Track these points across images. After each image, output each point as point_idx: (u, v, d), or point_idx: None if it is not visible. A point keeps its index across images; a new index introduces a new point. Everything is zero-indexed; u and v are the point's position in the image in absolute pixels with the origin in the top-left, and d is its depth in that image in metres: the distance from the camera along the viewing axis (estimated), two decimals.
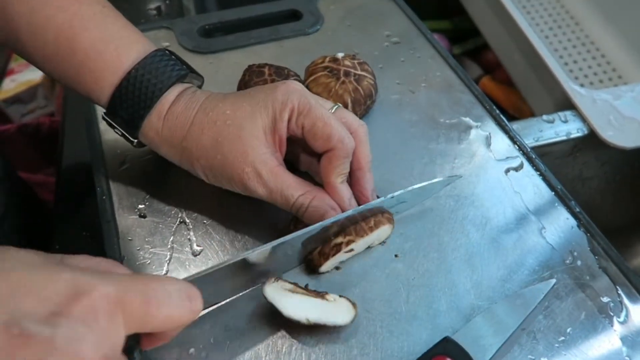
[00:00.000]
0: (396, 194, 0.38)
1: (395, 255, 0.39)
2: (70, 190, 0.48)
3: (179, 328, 0.29)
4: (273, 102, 0.36)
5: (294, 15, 0.59)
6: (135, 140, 0.39)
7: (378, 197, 0.39)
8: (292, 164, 0.41)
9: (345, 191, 0.37)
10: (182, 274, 0.37)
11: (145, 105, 0.37)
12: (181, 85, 0.39)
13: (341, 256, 0.37)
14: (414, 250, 0.39)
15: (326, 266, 0.37)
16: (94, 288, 0.24)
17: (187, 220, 0.40)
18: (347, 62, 0.47)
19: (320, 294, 0.34)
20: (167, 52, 0.39)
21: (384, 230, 0.38)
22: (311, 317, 0.33)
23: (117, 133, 0.39)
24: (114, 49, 0.37)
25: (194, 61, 0.53)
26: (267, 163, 0.36)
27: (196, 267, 0.38)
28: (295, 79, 0.47)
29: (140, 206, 0.41)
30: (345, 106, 0.45)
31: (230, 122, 0.36)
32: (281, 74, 0.46)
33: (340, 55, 0.47)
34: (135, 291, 0.25)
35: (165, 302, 0.26)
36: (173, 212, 0.41)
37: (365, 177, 0.38)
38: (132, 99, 0.37)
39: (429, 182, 0.40)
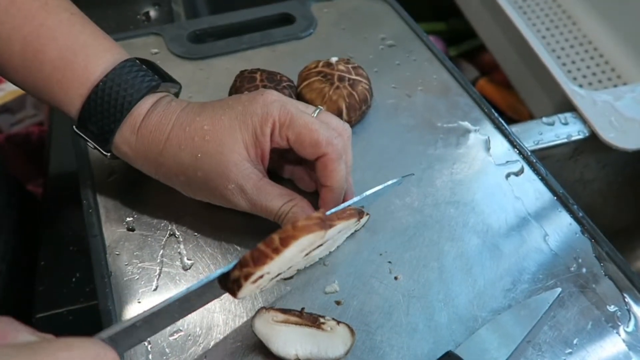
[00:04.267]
0: (348, 203, 0.36)
1: (395, 278, 0.37)
2: (57, 203, 0.46)
3: None
4: (252, 116, 0.35)
5: (286, 20, 0.57)
6: (109, 154, 0.38)
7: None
8: (274, 171, 0.40)
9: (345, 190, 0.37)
10: (173, 289, 0.36)
11: (115, 119, 0.36)
12: (154, 95, 0.37)
13: (258, 285, 0.30)
14: (413, 260, 0.38)
15: (241, 295, 0.30)
16: None
17: (177, 233, 0.39)
18: (341, 67, 0.46)
19: (316, 321, 0.32)
20: (137, 61, 0.37)
21: (303, 242, 0.29)
22: (302, 354, 0.31)
23: (89, 146, 0.38)
24: (83, 59, 0.36)
25: (184, 67, 0.52)
26: (251, 177, 0.35)
27: (187, 282, 0.36)
28: (288, 85, 0.46)
29: (128, 219, 0.40)
30: (340, 112, 0.44)
31: (209, 138, 0.35)
32: (273, 79, 0.45)
33: (334, 59, 0.46)
34: None
35: None
36: (162, 224, 0.39)
37: (347, 182, 0.38)
38: (102, 112, 0.36)
39: (383, 185, 0.38)
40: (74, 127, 0.37)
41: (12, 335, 0.25)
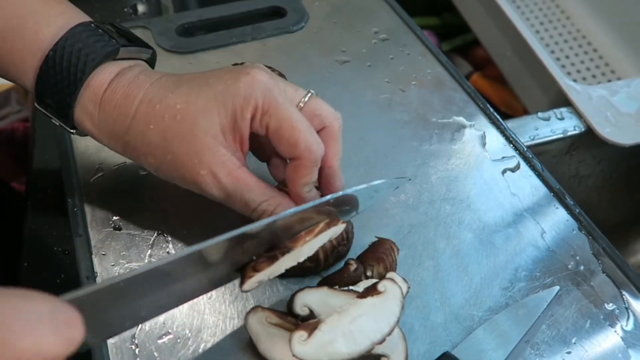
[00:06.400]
0: (338, 194, 0.34)
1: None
2: (41, 202, 0.45)
3: None
4: (233, 98, 0.31)
5: (277, 13, 0.56)
6: (73, 130, 0.35)
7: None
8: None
9: (313, 199, 0.34)
10: None
11: (70, 92, 0.32)
12: (117, 64, 0.33)
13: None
14: (408, 259, 0.37)
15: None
16: None
17: (166, 232, 0.38)
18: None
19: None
20: (94, 24, 0.33)
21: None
22: None
23: (54, 123, 0.35)
24: (32, 25, 0.32)
25: (173, 62, 0.50)
26: (226, 165, 0.32)
27: None
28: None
29: (114, 218, 0.38)
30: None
31: (181, 118, 0.31)
32: None
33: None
34: None
35: (31, 329, 0.20)
36: (150, 223, 0.38)
37: (335, 176, 0.35)
38: (55, 85, 0.32)
39: (375, 182, 0.35)
40: (35, 103, 0.34)
41: None
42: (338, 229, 0.33)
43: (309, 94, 0.34)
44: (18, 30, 0.32)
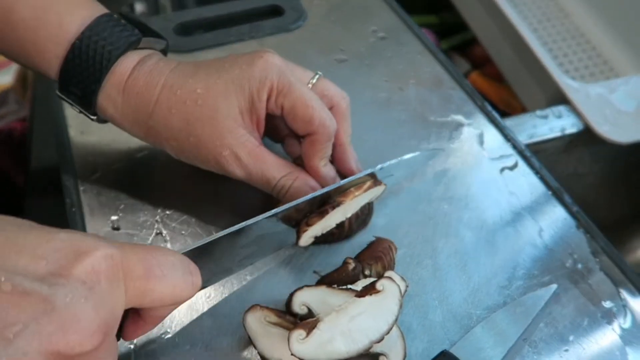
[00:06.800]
0: (384, 165, 0.38)
1: None
2: (39, 201, 0.45)
3: (174, 307, 0.28)
4: (250, 80, 0.33)
5: (275, 11, 0.56)
6: (95, 117, 0.36)
7: None
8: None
9: (329, 173, 0.36)
10: None
11: (95, 79, 0.34)
12: (138, 52, 0.35)
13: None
14: (406, 258, 0.37)
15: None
16: (95, 248, 0.23)
17: (164, 232, 0.38)
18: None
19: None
20: (114, 16, 0.35)
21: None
22: None
23: (75, 110, 0.36)
24: (55, 17, 0.34)
25: None
26: (246, 145, 0.34)
27: None
28: None
29: (113, 217, 0.38)
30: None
31: (202, 102, 0.33)
32: None
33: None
34: (137, 258, 0.24)
35: (168, 273, 0.25)
36: (149, 223, 0.38)
37: (347, 152, 0.38)
38: (81, 72, 0.34)
39: (413, 154, 0.41)
40: (56, 91, 0.35)
41: None
42: (381, 188, 0.37)
43: (317, 75, 0.36)
44: (42, 20, 0.33)
